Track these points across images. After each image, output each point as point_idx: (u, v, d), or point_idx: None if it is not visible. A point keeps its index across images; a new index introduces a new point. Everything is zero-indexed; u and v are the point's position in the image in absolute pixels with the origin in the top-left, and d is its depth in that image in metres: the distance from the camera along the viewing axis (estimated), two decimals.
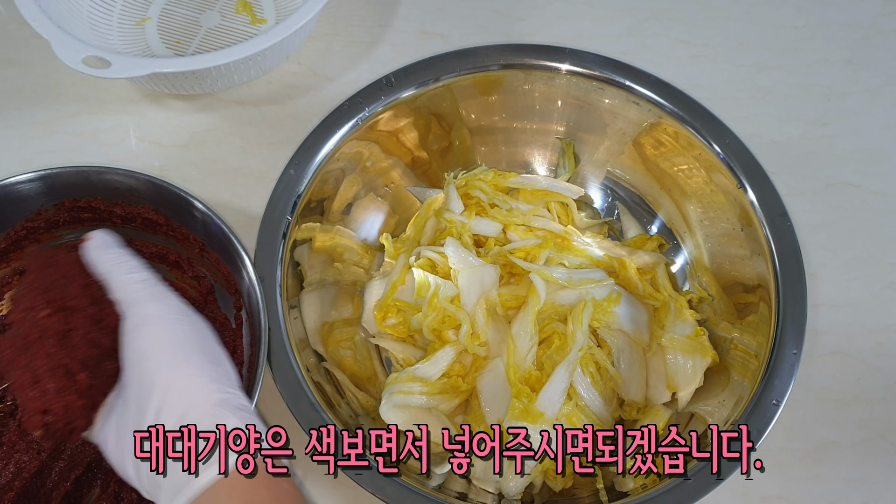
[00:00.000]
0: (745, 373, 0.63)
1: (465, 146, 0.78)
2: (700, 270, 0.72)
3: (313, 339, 0.66)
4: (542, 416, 0.60)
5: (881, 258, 0.75)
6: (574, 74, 0.74)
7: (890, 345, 0.70)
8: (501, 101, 0.77)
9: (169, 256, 0.68)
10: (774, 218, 0.67)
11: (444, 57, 0.74)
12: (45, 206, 0.64)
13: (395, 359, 0.70)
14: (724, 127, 0.71)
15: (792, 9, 0.90)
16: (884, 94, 0.84)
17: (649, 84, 0.73)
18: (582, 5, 0.90)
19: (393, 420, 0.63)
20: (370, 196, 0.75)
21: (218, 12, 0.86)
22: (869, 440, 0.66)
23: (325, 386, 0.63)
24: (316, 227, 0.70)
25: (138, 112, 0.81)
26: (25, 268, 0.55)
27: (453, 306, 0.66)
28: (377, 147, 0.74)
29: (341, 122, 0.71)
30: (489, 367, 0.65)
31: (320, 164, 0.69)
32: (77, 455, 0.61)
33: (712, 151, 0.70)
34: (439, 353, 0.65)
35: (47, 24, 0.70)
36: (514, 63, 0.74)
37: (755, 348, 0.63)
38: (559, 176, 0.77)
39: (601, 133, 0.76)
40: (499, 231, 0.72)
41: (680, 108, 0.72)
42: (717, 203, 0.71)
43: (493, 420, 0.63)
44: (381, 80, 0.73)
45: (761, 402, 0.59)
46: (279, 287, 0.63)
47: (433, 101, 0.74)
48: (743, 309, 0.68)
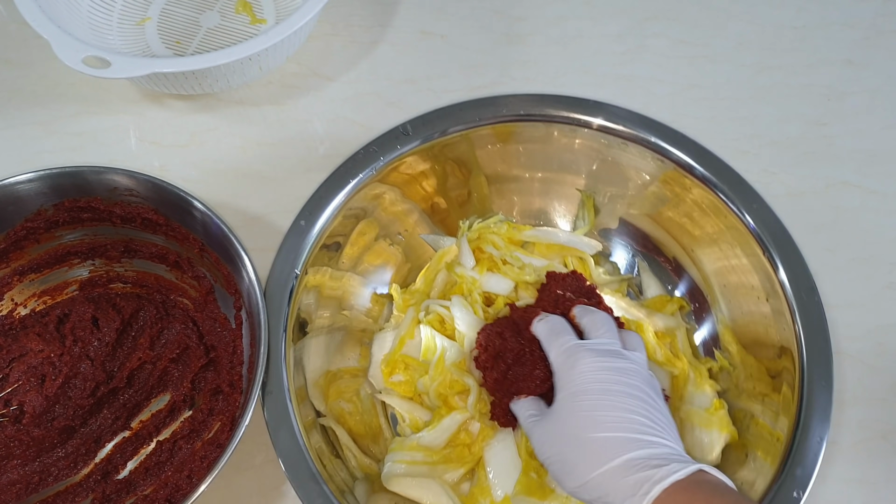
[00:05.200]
0: (766, 455, 0.60)
1: (483, 194, 0.76)
2: (721, 338, 0.69)
3: (313, 392, 0.65)
4: (552, 492, 0.59)
5: (881, 258, 0.75)
6: (599, 129, 0.72)
7: (890, 345, 0.70)
8: (521, 150, 0.75)
9: (169, 256, 0.68)
10: (802, 292, 0.64)
11: (463, 106, 0.73)
12: (45, 206, 0.65)
13: (401, 417, 0.68)
14: (752, 191, 0.68)
15: (792, 9, 0.90)
16: (884, 94, 0.84)
17: (675, 142, 0.70)
18: (582, 5, 0.90)
19: (395, 488, 0.62)
20: (383, 243, 0.73)
21: (218, 12, 0.86)
22: (869, 440, 0.66)
23: (323, 447, 0.62)
24: (326, 273, 0.69)
25: (138, 112, 0.81)
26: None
27: (460, 372, 0.64)
28: (393, 192, 0.73)
29: (355, 172, 0.70)
30: (498, 436, 0.64)
31: (331, 215, 0.68)
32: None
33: (739, 217, 0.68)
34: (445, 420, 0.64)
35: (47, 24, 0.70)
36: (535, 115, 0.72)
37: (778, 426, 0.61)
38: (577, 228, 0.75)
39: (623, 187, 0.74)
40: (510, 289, 0.70)
41: (707, 168, 0.69)
42: (741, 268, 0.69)
43: (501, 493, 0.61)
44: (398, 128, 0.72)
45: (781, 491, 0.56)
46: (283, 344, 0.62)
47: (450, 148, 0.73)
48: (766, 384, 0.65)
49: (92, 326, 0.67)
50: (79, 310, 0.67)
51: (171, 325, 0.69)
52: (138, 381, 0.67)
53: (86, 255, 0.69)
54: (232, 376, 0.64)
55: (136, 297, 0.70)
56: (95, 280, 0.70)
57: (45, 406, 0.64)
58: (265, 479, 0.62)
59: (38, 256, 0.68)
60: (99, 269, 0.70)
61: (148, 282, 0.71)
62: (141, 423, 0.67)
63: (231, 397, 0.64)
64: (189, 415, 0.67)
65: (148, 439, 0.66)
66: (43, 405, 0.63)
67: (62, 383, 0.64)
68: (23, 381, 0.64)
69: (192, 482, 0.62)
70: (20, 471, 0.63)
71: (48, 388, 0.64)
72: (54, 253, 0.68)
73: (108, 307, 0.68)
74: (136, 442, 0.66)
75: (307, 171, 0.76)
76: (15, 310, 0.68)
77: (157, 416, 0.67)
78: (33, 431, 0.63)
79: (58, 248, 0.68)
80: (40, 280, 0.69)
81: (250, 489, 0.63)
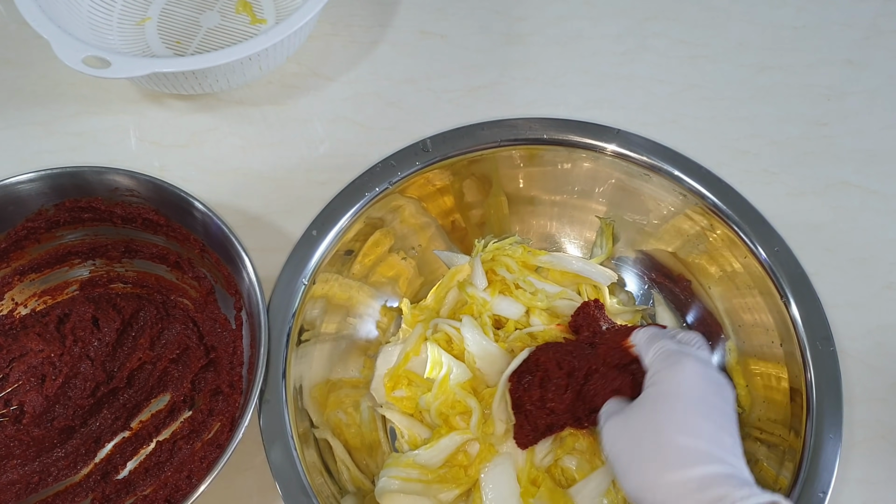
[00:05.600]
0: None
1: (501, 214, 0.76)
2: (731, 377, 0.68)
3: (310, 402, 0.64)
4: (572, 502, 0.59)
5: (881, 258, 0.75)
6: (620, 157, 0.71)
7: (890, 345, 0.70)
8: (541, 173, 0.74)
9: (169, 257, 0.68)
10: (817, 340, 0.63)
11: (484, 126, 0.72)
12: (46, 206, 0.65)
13: (400, 433, 0.68)
14: (774, 233, 0.67)
15: (792, 9, 0.90)
16: (884, 94, 0.84)
17: (698, 176, 0.69)
18: (582, 5, 0.90)
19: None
20: (396, 256, 0.73)
21: (218, 12, 0.86)
22: (869, 440, 0.66)
23: (316, 461, 0.61)
24: (336, 282, 0.68)
25: (138, 112, 0.81)
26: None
27: (464, 392, 0.64)
28: (413, 204, 0.72)
29: (371, 185, 0.69)
30: (496, 460, 0.63)
31: (345, 226, 0.67)
32: None
33: (758, 258, 0.67)
34: (444, 440, 0.63)
35: (47, 24, 0.70)
36: (557, 139, 0.71)
37: (782, 474, 0.60)
38: (594, 256, 0.75)
39: (643, 217, 0.73)
40: (521, 314, 0.69)
41: (728, 206, 0.68)
42: (755, 308, 0.68)
43: None
44: (418, 144, 0.71)
45: None
46: (284, 351, 0.62)
47: (470, 167, 0.72)
48: (774, 428, 0.64)
49: (92, 326, 0.67)
50: (79, 310, 0.67)
51: (171, 326, 0.69)
52: (138, 382, 0.67)
53: (86, 256, 0.69)
54: (232, 377, 0.64)
55: (136, 297, 0.70)
56: (96, 280, 0.70)
57: (45, 406, 0.64)
58: (265, 479, 0.62)
59: (39, 256, 0.68)
60: (99, 269, 0.70)
61: (148, 282, 0.71)
62: (141, 423, 0.67)
63: (231, 398, 0.64)
64: (189, 415, 0.67)
65: (148, 439, 0.66)
66: (43, 405, 0.63)
67: (62, 383, 0.64)
68: (23, 381, 0.64)
69: (191, 482, 0.62)
70: (20, 471, 0.63)
71: (48, 388, 0.64)
72: (55, 253, 0.68)
73: (108, 307, 0.68)
74: (135, 442, 0.66)
75: (307, 171, 0.76)
76: (15, 309, 0.68)
77: (156, 416, 0.67)
78: (33, 431, 0.63)
79: (58, 248, 0.68)
80: (41, 280, 0.69)
81: (250, 489, 0.63)
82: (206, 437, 0.64)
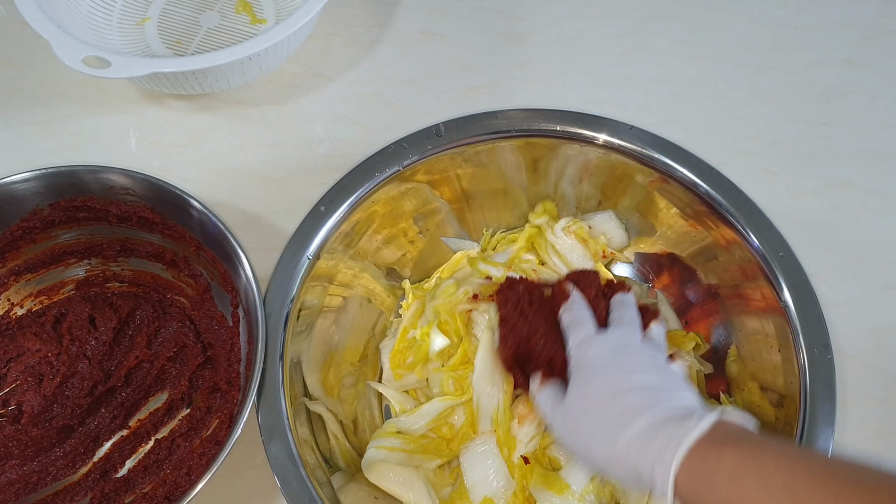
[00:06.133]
0: None
1: (514, 199, 0.77)
2: (730, 382, 0.68)
3: (309, 372, 0.65)
4: (567, 487, 0.60)
5: (881, 258, 0.74)
6: (629, 153, 0.71)
7: (890, 345, 0.70)
8: (556, 165, 0.75)
9: (165, 255, 0.68)
10: (815, 347, 0.63)
11: (500, 114, 0.72)
12: (41, 205, 0.65)
13: (394, 411, 0.69)
14: (780, 237, 0.67)
15: (792, 9, 0.90)
16: (884, 94, 0.84)
17: (708, 178, 0.70)
18: (582, 5, 0.90)
19: (376, 478, 0.62)
20: (403, 239, 0.74)
21: (218, 12, 0.86)
22: (869, 440, 0.66)
23: (308, 437, 0.62)
24: (341, 260, 0.69)
25: (138, 112, 0.81)
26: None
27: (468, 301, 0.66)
28: (424, 188, 0.73)
29: (382, 166, 0.69)
30: (478, 440, 0.63)
31: (353, 204, 0.68)
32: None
33: (761, 263, 0.67)
34: (425, 406, 0.64)
35: (47, 24, 0.70)
36: (571, 132, 0.72)
37: None
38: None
39: (654, 219, 0.74)
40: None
41: (737, 209, 0.68)
42: (755, 310, 0.68)
43: (478, 498, 0.61)
44: (431, 128, 0.72)
45: None
46: (283, 336, 0.62)
47: (481, 154, 0.73)
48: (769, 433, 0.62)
49: (89, 326, 0.67)
50: (76, 309, 0.67)
51: (168, 324, 0.69)
52: (136, 380, 0.67)
53: (82, 255, 0.69)
54: (229, 374, 0.64)
55: (132, 296, 0.70)
56: (92, 279, 0.70)
57: (43, 406, 0.64)
58: (265, 479, 0.62)
59: (35, 256, 0.68)
60: (95, 268, 0.70)
61: (144, 281, 0.71)
62: (139, 421, 0.67)
63: (229, 395, 0.64)
64: (187, 413, 0.67)
65: (146, 438, 0.66)
66: (41, 405, 0.64)
67: (60, 383, 0.64)
68: (21, 381, 0.64)
69: (190, 479, 0.62)
70: (19, 470, 0.63)
71: (46, 388, 0.64)
72: (50, 252, 0.68)
73: (104, 306, 0.68)
74: (134, 440, 0.66)
75: (307, 171, 0.76)
76: (12, 310, 0.68)
77: (155, 414, 0.67)
78: (32, 431, 0.63)
79: (54, 248, 0.68)
80: (37, 280, 0.69)
81: (250, 489, 0.62)
82: (205, 435, 0.64)
